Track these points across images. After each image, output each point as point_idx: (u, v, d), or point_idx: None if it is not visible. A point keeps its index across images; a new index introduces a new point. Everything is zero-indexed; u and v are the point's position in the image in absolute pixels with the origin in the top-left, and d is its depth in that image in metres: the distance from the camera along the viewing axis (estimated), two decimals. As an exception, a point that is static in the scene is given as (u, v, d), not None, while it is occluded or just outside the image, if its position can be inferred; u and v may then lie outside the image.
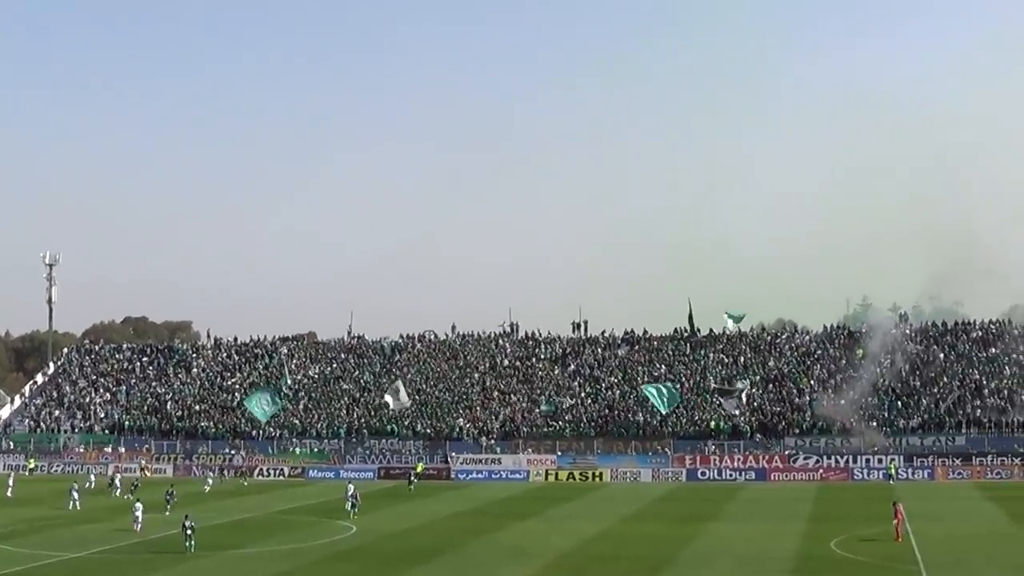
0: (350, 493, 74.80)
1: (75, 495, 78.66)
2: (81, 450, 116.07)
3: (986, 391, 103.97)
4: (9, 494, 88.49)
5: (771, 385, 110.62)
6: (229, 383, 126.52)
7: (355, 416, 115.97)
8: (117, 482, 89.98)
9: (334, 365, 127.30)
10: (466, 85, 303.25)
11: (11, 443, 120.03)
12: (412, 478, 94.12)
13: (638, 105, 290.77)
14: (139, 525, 64.50)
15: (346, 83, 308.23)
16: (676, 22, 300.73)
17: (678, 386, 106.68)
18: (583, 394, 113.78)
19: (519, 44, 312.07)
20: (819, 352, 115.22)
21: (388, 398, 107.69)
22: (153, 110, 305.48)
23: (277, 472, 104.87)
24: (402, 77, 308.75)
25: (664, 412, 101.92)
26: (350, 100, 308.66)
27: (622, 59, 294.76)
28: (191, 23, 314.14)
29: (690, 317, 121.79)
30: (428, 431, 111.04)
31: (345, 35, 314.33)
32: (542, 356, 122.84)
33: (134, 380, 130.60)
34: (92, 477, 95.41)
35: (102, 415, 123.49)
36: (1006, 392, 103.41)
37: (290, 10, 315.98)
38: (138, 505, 66.39)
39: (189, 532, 56.76)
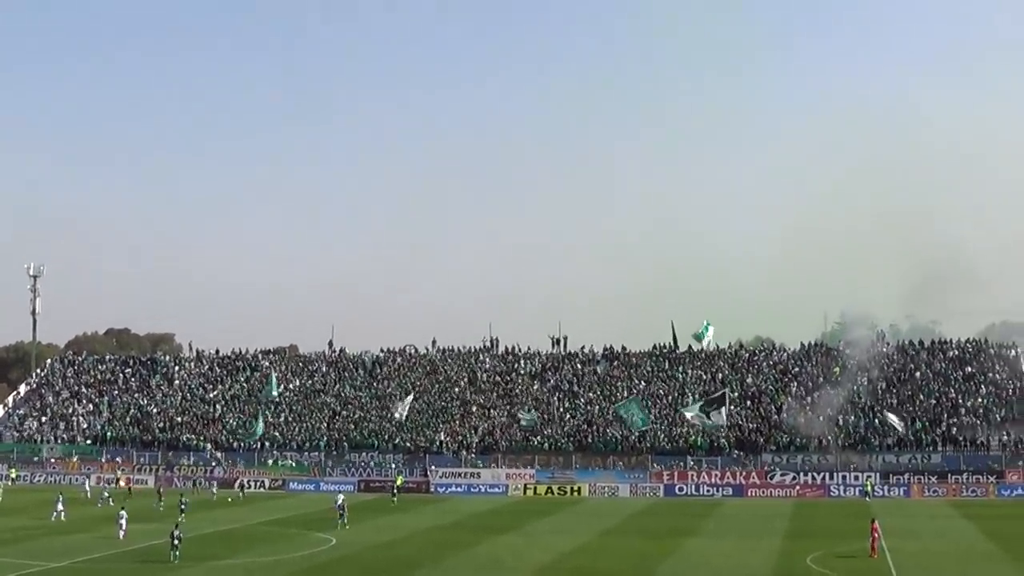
0: (339, 503, 75.41)
1: (60, 506, 78.33)
2: (58, 461, 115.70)
3: (962, 410, 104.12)
4: None
5: (749, 402, 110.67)
6: (211, 395, 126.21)
7: (335, 429, 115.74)
8: (105, 493, 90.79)
9: (315, 378, 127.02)
10: (448, 107, 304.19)
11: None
12: (395, 491, 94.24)
13: (618, 129, 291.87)
14: (123, 533, 64.66)
15: (330, 105, 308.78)
16: (656, 45, 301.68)
17: (648, 405, 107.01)
18: (562, 409, 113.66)
19: (501, 67, 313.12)
20: (796, 369, 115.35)
21: (401, 408, 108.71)
22: (137, 126, 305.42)
23: (258, 484, 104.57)
24: (386, 99, 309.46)
25: (640, 430, 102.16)
26: (333, 122, 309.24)
27: (603, 84, 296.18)
28: (172, 44, 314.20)
29: (673, 336, 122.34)
30: (408, 444, 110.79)
31: (323, 53, 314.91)
32: (521, 371, 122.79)
33: (116, 391, 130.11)
34: (87, 487, 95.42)
35: (84, 426, 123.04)
36: (981, 411, 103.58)
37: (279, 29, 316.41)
38: (122, 513, 66.76)
39: (176, 543, 56.73)
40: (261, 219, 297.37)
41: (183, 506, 76.22)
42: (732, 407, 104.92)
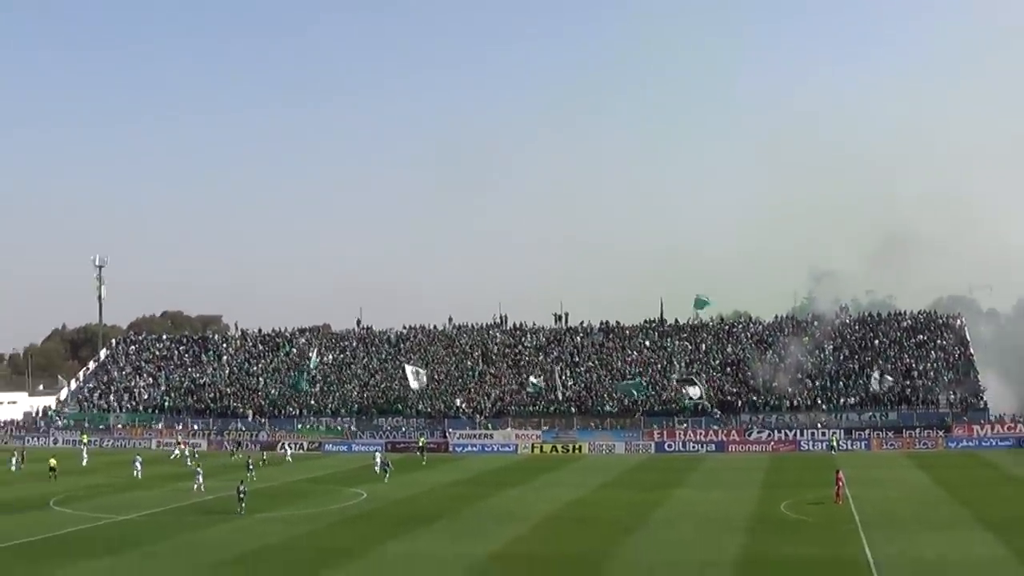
0: (380, 461, 78.49)
1: (138, 465, 79.13)
2: (123, 428, 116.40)
3: (915, 373, 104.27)
4: (84, 463, 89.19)
5: (729, 368, 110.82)
6: (254, 369, 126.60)
7: (365, 397, 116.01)
8: (177, 452, 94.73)
9: (346, 352, 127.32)
10: (454, 111, 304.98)
11: (69, 421, 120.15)
12: (421, 452, 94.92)
13: (608, 125, 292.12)
14: (201, 487, 66.67)
15: (358, 110, 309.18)
16: (643, 51, 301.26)
17: (644, 380, 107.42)
18: (564, 376, 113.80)
19: (496, 71, 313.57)
20: (771, 339, 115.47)
21: (410, 377, 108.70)
22: (188, 134, 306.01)
23: (297, 446, 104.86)
24: (403, 106, 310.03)
25: (637, 399, 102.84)
26: (360, 125, 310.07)
27: (593, 88, 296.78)
28: (199, 53, 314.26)
29: (661, 311, 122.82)
30: (429, 410, 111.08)
31: (337, 38, 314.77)
32: (528, 344, 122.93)
33: (172, 366, 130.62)
34: (176, 451, 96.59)
35: (145, 397, 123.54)
36: (932, 373, 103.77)
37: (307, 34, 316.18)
38: (199, 470, 69.10)
39: (242, 496, 57.81)
40: (300, 215, 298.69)
41: (251, 465, 76.84)
42: (713, 373, 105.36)
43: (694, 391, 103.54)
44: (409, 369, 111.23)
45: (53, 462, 78.46)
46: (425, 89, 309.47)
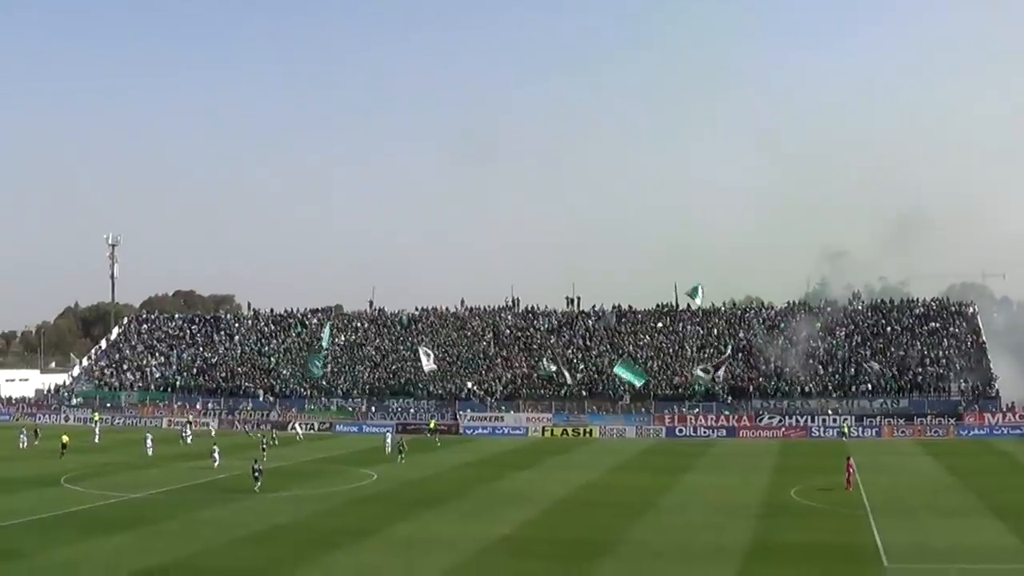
0: (391, 441, 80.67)
1: (149, 443, 79.95)
2: (135, 406, 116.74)
3: (927, 360, 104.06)
4: (96, 440, 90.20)
5: (740, 354, 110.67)
6: (266, 348, 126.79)
7: (376, 378, 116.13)
8: (187, 431, 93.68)
9: (358, 333, 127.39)
10: (468, 94, 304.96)
11: (80, 399, 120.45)
12: (435, 435, 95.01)
13: (623, 114, 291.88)
14: (216, 462, 68.77)
15: (372, 91, 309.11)
16: (654, 42, 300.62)
17: (639, 365, 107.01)
18: (576, 360, 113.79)
19: (511, 55, 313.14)
20: (783, 325, 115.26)
21: (423, 359, 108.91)
22: (202, 112, 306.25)
23: (308, 426, 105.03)
24: (420, 90, 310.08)
25: (638, 385, 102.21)
26: (373, 105, 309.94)
27: (606, 73, 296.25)
28: (214, 29, 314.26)
29: (676, 297, 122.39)
30: (440, 392, 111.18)
31: (360, 48, 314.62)
32: (540, 327, 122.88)
33: (184, 345, 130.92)
34: (188, 431, 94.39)
35: (157, 375, 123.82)
36: (944, 361, 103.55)
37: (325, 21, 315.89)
38: (215, 448, 71.46)
39: (257, 474, 58.73)
40: (312, 197, 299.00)
41: (264, 444, 77.38)
42: (728, 365, 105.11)
43: (717, 377, 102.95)
44: (422, 350, 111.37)
45: (65, 439, 78.82)
46: (438, 71, 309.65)
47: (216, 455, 69.54)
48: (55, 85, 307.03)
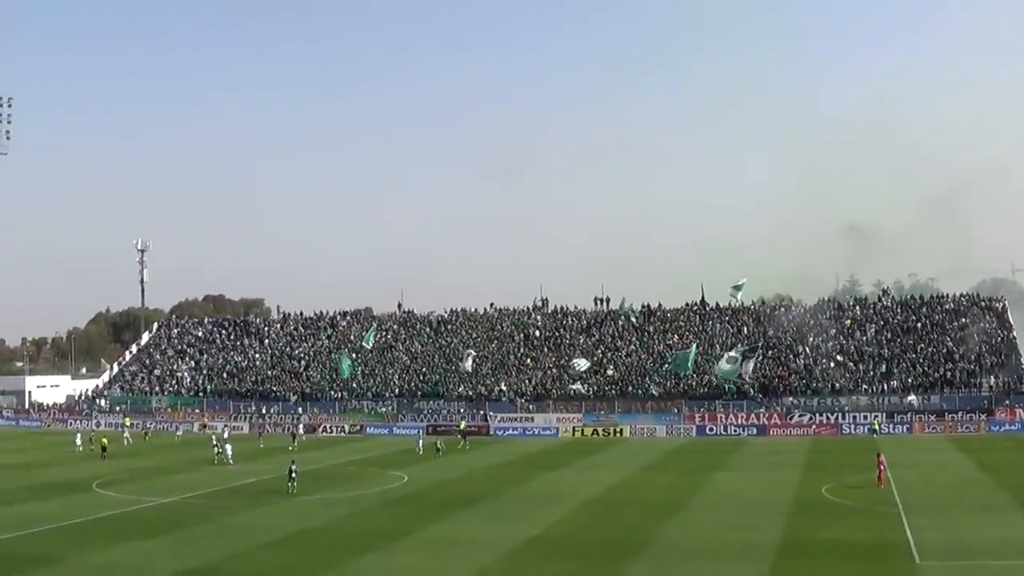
0: (421, 444, 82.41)
1: (228, 448, 75.96)
2: (165, 411, 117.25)
3: (957, 356, 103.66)
4: (127, 446, 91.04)
5: (770, 351, 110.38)
6: (296, 352, 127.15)
7: (406, 380, 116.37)
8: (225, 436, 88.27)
9: (388, 336, 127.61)
10: (496, 95, 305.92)
11: (111, 404, 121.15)
12: (463, 436, 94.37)
13: (651, 120, 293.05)
14: (230, 458, 72.05)
15: (401, 94, 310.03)
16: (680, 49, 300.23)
17: (698, 350, 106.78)
18: (605, 360, 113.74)
19: (539, 56, 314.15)
20: (812, 322, 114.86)
21: (467, 361, 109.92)
22: (230, 118, 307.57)
23: (339, 429, 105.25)
24: (445, 91, 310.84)
25: (689, 371, 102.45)
26: (401, 109, 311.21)
27: (634, 72, 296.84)
28: (241, 35, 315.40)
29: (703, 295, 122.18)
30: (470, 393, 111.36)
31: (388, 52, 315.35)
32: (569, 327, 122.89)
33: (214, 350, 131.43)
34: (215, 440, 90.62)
35: (187, 380, 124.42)
36: (974, 357, 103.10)
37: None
38: (227, 446, 73.84)
39: (293, 476, 59.19)
40: (343, 200, 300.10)
41: (293, 446, 78.09)
42: (758, 359, 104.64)
43: (746, 365, 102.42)
44: (467, 353, 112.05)
45: (104, 442, 79.92)
46: (467, 72, 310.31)
47: (228, 450, 72.39)
48: (84, 90, 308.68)
